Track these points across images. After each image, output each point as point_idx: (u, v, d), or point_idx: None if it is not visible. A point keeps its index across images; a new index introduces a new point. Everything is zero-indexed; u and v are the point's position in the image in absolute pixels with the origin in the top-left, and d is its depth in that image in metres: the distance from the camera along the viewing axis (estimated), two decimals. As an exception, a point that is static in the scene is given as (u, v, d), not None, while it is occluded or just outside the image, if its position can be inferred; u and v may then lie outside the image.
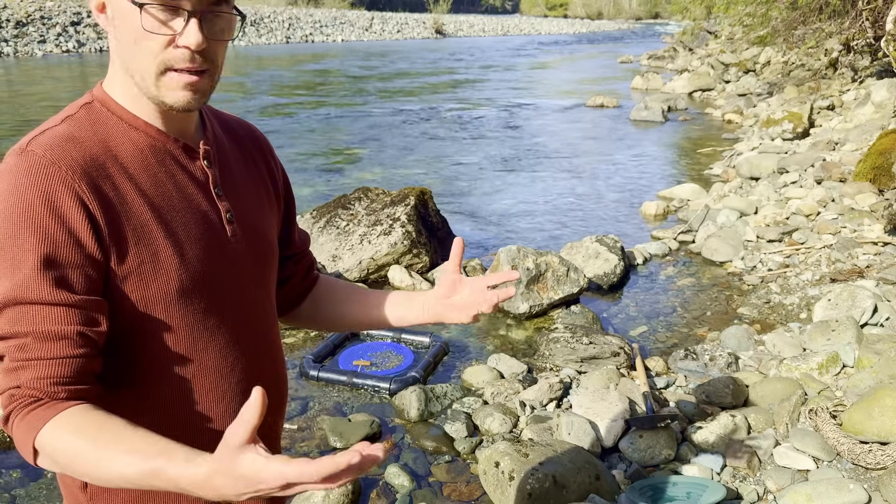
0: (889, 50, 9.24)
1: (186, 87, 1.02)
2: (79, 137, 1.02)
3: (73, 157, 0.99)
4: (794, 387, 3.22)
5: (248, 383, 1.16)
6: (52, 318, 0.94)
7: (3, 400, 0.96)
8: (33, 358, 0.94)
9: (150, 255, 1.03)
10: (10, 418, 0.95)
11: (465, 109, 13.30)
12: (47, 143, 0.99)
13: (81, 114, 1.05)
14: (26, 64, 20.08)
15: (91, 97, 1.08)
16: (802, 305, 4.32)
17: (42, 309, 0.94)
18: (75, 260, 0.96)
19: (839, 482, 2.57)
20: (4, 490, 2.81)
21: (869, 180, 5.92)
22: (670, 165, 9.05)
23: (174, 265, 1.05)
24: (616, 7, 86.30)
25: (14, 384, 0.94)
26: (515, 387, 3.47)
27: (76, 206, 0.96)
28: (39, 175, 0.96)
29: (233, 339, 1.15)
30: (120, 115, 1.06)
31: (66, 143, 1.00)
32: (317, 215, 5.59)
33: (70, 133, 1.02)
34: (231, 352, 1.15)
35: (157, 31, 0.99)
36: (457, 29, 45.99)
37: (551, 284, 4.46)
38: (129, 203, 1.02)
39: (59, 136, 1.01)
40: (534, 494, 2.53)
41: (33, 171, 0.96)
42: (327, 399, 3.51)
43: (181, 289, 1.06)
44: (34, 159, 0.97)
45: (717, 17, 19.65)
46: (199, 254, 1.09)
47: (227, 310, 1.14)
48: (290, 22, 34.97)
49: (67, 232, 0.95)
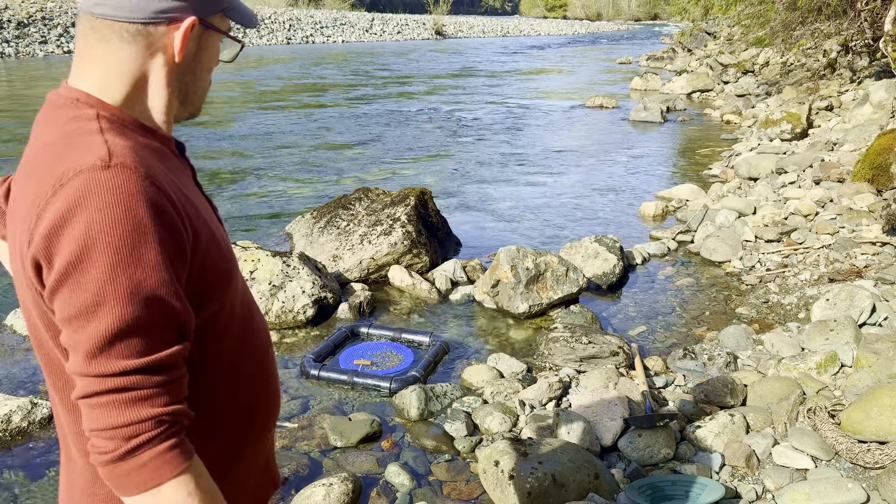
0: (887, 50, 9.26)
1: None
2: (135, 147, 0.99)
3: (153, 167, 0.97)
4: (792, 386, 3.23)
5: (273, 371, 1.26)
6: (175, 337, 0.94)
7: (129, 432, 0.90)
8: (167, 382, 0.92)
9: (216, 252, 1.06)
10: (143, 448, 0.90)
11: (464, 110, 13.31)
12: (128, 154, 0.95)
13: (107, 125, 1.01)
14: (28, 64, 20.09)
15: (91, 107, 1.03)
16: (801, 305, 4.33)
17: (169, 328, 0.93)
18: (183, 273, 0.96)
19: (837, 481, 2.58)
20: (4, 490, 2.81)
21: (867, 180, 5.93)
22: (669, 166, 9.06)
23: (225, 261, 1.09)
24: (615, 8, 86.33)
25: (151, 413, 0.90)
26: (515, 386, 3.48)
27: (176, 216, 0.95)
28: (144, 187, 0.92)
29: (261, 330, 1.23)
30: (126, 121, 1.05)
31: (138, 154, 0.97)
32: (317, 215, 5.60)
33: (128, 143, 0.98)
34: (262, 336, 1.23)
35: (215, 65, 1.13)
36: (457, 30, 46.00)
37: (551, 284, 4.47)
38: (191, 205, 1.04)
39: (127, 147, 0.97)
40: (533, 493, 2.54)
41: (136, 184, 0.92)
42: (328, 398, 3.52)
43: (233, 282, 1.12)
44: (129, 172, 0.92)
45: (715, 18, 19.68)
46: (230, 249, 1.15)
47: (248, 299, 1.21)
48: (290, 23, 34.97)
49: (178, 244, 0.95)
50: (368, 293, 4.67)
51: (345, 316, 4.43)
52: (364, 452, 3.07)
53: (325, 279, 4.57)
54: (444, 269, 4.96)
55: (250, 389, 1.18)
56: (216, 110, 12.99)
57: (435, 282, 4.87)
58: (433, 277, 4.92)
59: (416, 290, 4.79)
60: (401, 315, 4.55)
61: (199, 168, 6.45)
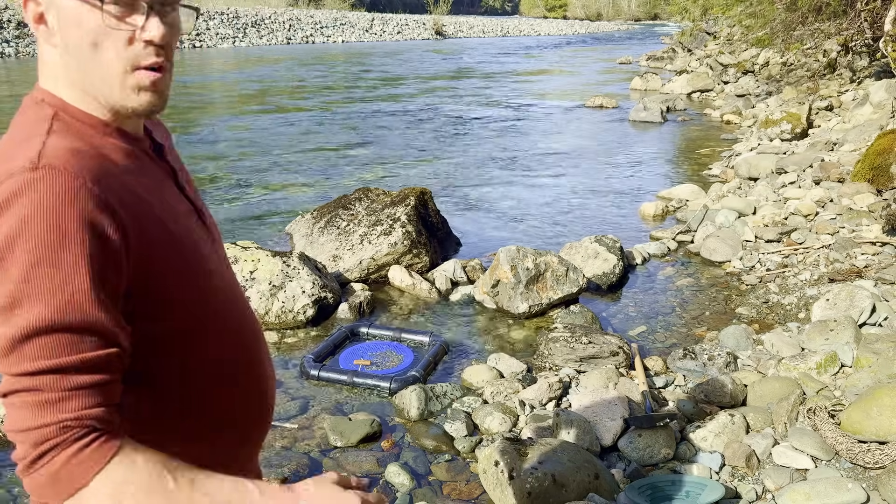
0: (887, 51, 9.26)
1: (150, 86, 1.00)
2: (80, 148, 0.95)
3: (91, 169, 0.93)
4: (792, 386, 3.23)
5: (262, 373, 1.21)
6: (96, 344, 0.90)
7: (36, 437, 0.88)
8: (79, 386, 0.89)
9: (176, 258, 1.02)
10: (50, 455, 0.88)
11: (464, 110, 13.30)
12: (62, 157, 0.92)
13: (59, 125, 0.98)
14: (28, 64, 20.08)
15: (51, 107, 1.00)
16: (801, 305, 4.33)
17: (87, 334, 0.89)
18: (112, 279, 0.92)
19: (837, 481, 2.57)
20: (4, 490, 2.81)
21: (867, 180, 5.93)
22: (669, 166, 9.06)
23: (194, 266, 1.05)
24: (615, 8, 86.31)
25: (56, 418, 0.87)
26: (515, 386, 3.48)
27: (110, 221, 0.91)
28: (69, 190, 0.89)
29: (242, 328, 1.18)
30: (88, 122, 1.01)
31: (76, 155, 0.94)
32: (317, 215, 5.60)
33: (69, 145, 0.95)
34: (245, 345, 1.18)
35: (118, 27, 0.95)
36: (457, 30, 46.00)
37: (551, 284, 4.47)
38: (146, 210, 0.99)
39: (65, 149, 0.93)
40: (533, 493, 2.54)
41: (61, 187, 0.89)
42: (328, 398, 3.52)
43: (203, 287, 1.06)
44: (56, 174, 0.90)
45: (715, 18, 19.67)
46: (204, 253, 1.10)
47: (231, 303, 1.16)
48: (290, 23, 34.97)
49: (106, 250, 0.91)
50: (368, 293, 4.67)
51: (345, 316, 4.43)
52: (364, 452, 3.07)
53: (325, 279, 4.57)
54: (444, 269, 4.96)
55: (232, 397, 1.15)
56: (216, 110, 12.99)
57: (435, 282, 4.87)
58: (433, 277, 4.92)
59: (416, 290, 4.79)
60: (401, 315, 4.55)
61: (198, 169, 6.43)
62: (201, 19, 30.25)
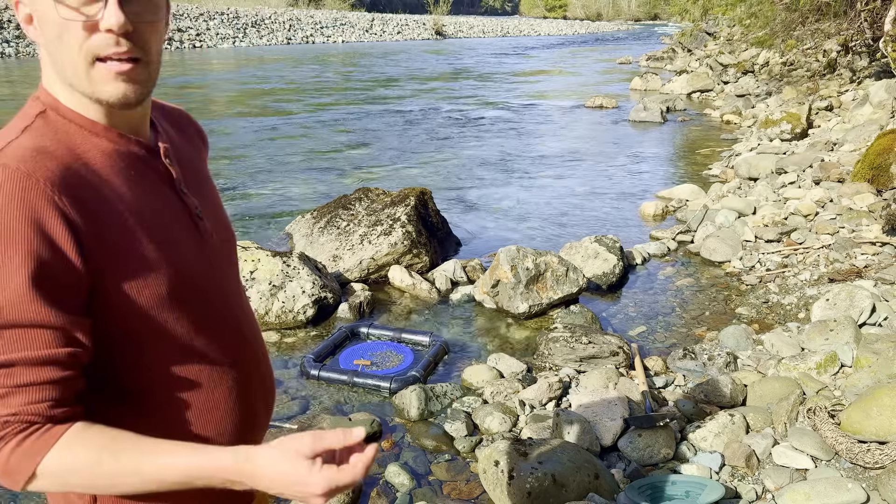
0: (887, 51, 9.27)
1: (118, 77, 0.97)
2: (47, 148, 0.96)
3: (48, 169, 0.93)
4: (792, 386, 3.23)
5: (247, 376, 1.19)
6: (42, 341, 0.91)
7: None
8: (24, 384, 0.91)
9: (139, 263, 1.00)
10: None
11: (464, 110, 13.30)
12: (19, 156, 0.93)
13: (39, 123, 0.99)
14: (28, 64, 20.08)
15: (42, 105, 1.02)
16: (801, 305, 4.33)
17: (30, 332, 0.91)
18: (62, 278, 0.92)
19: (837, 481, 2.58)
20: (4, 489, 2.81)
21: (867, 180, 5.94)
22: (669, 166, 9.06)
23: (163, 270, 1.03)
24: (615, 8, 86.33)
25: (3, 412, 0.91)
26: (515, 386, 3.48)
27: (59, 221, 0.91)
28: (18, 189, 0.90)
29: (227, 335, 1.16)
30: (77, 121, 1.01)
31: (37, 155, 0.94)
32: (317, 215, 5.60)
33: (37, 144, 0.96)
34: (228, 347, 1.15)
35: (73, 17, 0.94)
36: (457, 30, 46.01)
37: (550, 284, 4.47)
38: (111, 212, 0.99)
39: (28, 148, 0.95)
40: (533, 493, 2.54)
41: (11, 186, 0.90)
42: (328, 398, 3.52)
43: (172, 292, 1.04)
44: (8, 173, 0.91)
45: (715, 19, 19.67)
46: (184, 255, 1.08)
47: (215, 307, 1.14)
48: (290, 23, 34.98)
49: (53, 249, 0.91)
50: (368, 293, 4.67)
51: (345, 316, 4.43)
52: (364, 452, 3.07)
53: (326, 279, 4.57)
54: (444, 269, 4.96)
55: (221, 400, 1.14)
56: (216, 110, 12.99)
57: (435, 282, 4.87)
58: (433, 277, 4.92)
59: (416, 290, 4.79)
60: (401, 315, 4.55)
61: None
62: (201, 19, 30.24)
